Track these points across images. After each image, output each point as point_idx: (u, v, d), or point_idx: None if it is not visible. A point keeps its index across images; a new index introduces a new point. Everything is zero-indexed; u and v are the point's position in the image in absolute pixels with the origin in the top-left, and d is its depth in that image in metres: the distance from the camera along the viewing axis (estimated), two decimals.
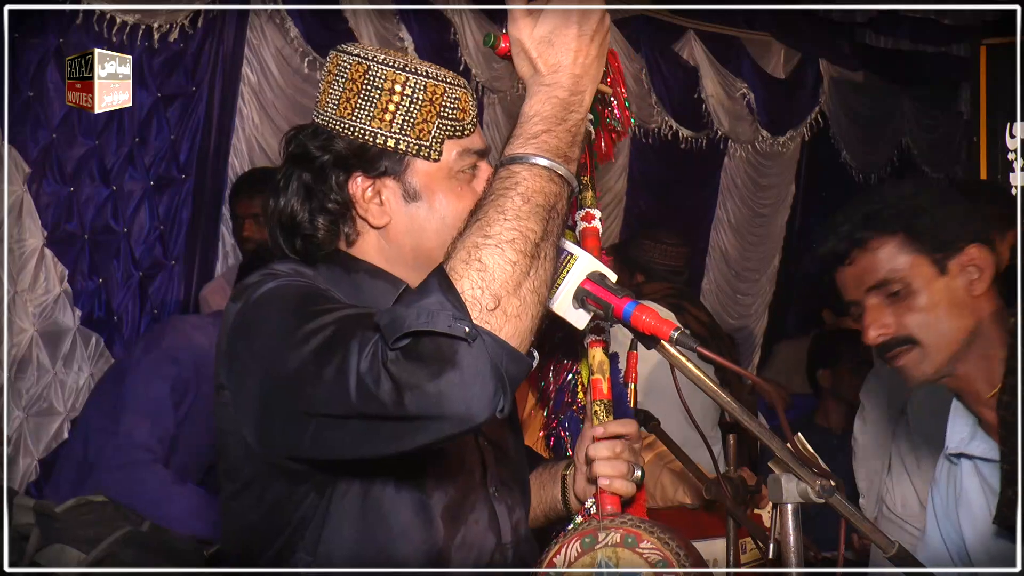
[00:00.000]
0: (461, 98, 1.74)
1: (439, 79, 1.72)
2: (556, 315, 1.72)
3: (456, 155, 1.74)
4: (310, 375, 1.48)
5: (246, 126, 4.78)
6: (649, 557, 1.56)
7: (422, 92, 1.71)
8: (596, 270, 1.71)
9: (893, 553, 1.68)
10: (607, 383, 1.86)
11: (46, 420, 4.31)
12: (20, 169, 4.14)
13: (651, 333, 1.64)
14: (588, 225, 1.97)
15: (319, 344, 1.49)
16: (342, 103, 1.74)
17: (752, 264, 7.01)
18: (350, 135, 1.73)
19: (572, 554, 1.60)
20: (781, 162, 6.99)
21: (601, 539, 1.59)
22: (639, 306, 1.66)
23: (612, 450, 1.80)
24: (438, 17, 5.18)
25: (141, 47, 4.30)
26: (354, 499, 1.66)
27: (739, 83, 6.58)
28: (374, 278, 1.75)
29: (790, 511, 1.63)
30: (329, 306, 1.57)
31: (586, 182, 2.01)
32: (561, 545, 1.61)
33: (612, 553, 1.57)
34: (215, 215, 4.76)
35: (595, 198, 1.99)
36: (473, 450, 1.79)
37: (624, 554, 1.57)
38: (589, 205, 1.99)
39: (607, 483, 1.77)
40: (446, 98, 1.72)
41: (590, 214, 1.99)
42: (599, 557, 1.58)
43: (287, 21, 4.70)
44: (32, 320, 4.23)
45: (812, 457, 1.63)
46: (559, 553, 1.61)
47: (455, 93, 1.73)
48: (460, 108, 1.74)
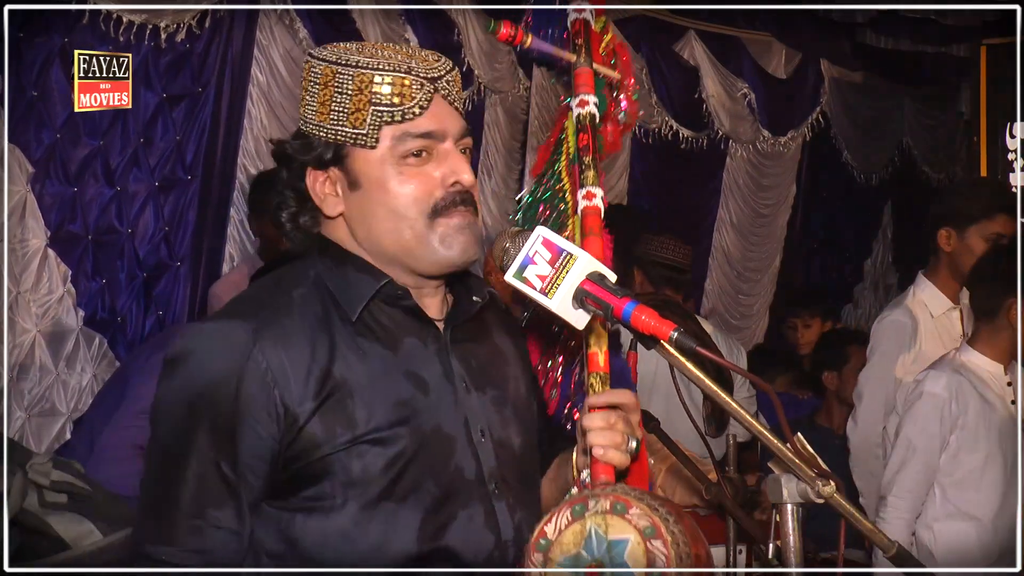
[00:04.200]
0: (396, 83, 1.73)
1: (372, 67, 1.74)
2: (556, 315, 1.73)
3: (394, 140, 1.76)
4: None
5: (255, 127, 4.78)
6: (637, 523, 1.54)
7: (350, 82, 1.74)
8: (595, 270, 1.72)
9: (893, 553, 1.68)
10: (604, 356, 1.86)
11: (48, 421, 4.31)
12: (23, 169, 4.14)
13: (651, 333, 1.65)
14: (589, 204, 1.97)
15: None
16: (303, 105, 1.81)
17: (754, 264, 7.01)
18: (304, 132, 1.81)
19: (563, 523, 1.58)
20: (782, 162, 6.99)
21: (591, 507, 1.57)
22: (638, 306, 1.66)
23: (606, 420, 1.78)
24: (443, 18, 5.19)
25: (147, 47, 4.31)
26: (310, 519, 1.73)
27: (740, 83, 6.58)
28: (359, 271, 1.79)
29: (790, 511, 1.64)
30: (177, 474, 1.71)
31: (588, 162, 2.01)
32: (552, 514, 1.59)
33: (601, 520, 1.55)
34: (222, 216, 4.76)
35: (597, 177, 1.99)
36: (463, 450, 1.79)
37: (613, 521, 1.55)
38: (591, 184, 1.99)
39: (600, 452, 1.76)
40: (376, 85, 1.73)
41: (591, 192, 1.99)
42: (589, 524, 1.56)
43: (296, 22, 4.71)
44: (35, 320, 4.24)
45: (812, 457, 1.64)
46: (549, 522, 1.59)
47: (388, 79, 1.73)
48: (397, 94, 1.73)
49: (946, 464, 3.44)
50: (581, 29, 2.12)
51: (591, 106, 2.05)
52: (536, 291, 1.71)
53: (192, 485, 1.69)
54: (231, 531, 1.70)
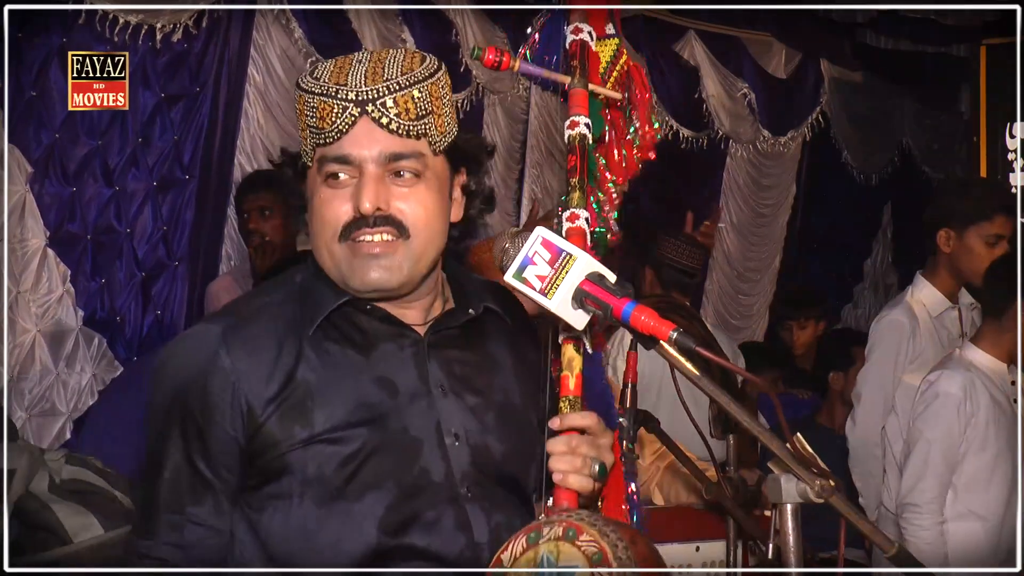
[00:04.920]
0: (319, 107, 1.75)
1: (307, 89, 1.77)
2: (555, 315, 1.73)
3: (318, 162, 1.79)
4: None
5: (251, 126, 4.80)
6: (586, 550, 1.54)
7: (297, 103, 1.80)
8: (595, 271, 1.72)
9: (893, 553, 1.68)
10: (575, 379, 1.83)
11: (48, 420, 4.32)
12: (22, 169, 4.15)
13: (650, 333, 1.65)
14: (572, 225, 1.97)
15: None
16: None
17: (754, 264, 7.01)
18: None
19: (518, 550, 1.59)
20: (782, 162, 6.99)
21: (545, 533, 1.58)
22: (638, 306, 1.66)
23: (567, 444, 1.76)
24: (440, 18, 5.19)
25: (144, 47, 4.31)
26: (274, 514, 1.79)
27: (740, 83, 6.58)
28: (326, 285, 1.85)
29: (789, 511, 1.64)
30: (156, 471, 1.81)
31: (575, 184, 2.01)
32: (509, 542, 1.61)
33: (554, 547, 1.56)
34: (220, 216, 4.77)
35: (582, 199, 1.99)
36: (431, 452, 1.81)
37: (564, 547, 1.55)
38: (575, 206, 1.99)
39: (559, 478, 1.74)
40: (307, 107, 1.77)
41: (575, 214, 1.98)
42: (542, 551, 1.57)
43: (292, 22, 4.71)
44: (35, 320, 4.24)
45: (811, 457, 1.64)
46: (506, 550, 1.60)
47: (313, 102, 1.76)
48: (319, 117, 1.76)
49: (958, 464, 3.44)
50: (578, 51, 2.13)
51: (581, 127, 2.05)
52: (536, 291, 1.71)
53: (169, 482, 1.79)
54: (209, 526, 1.78)
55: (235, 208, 4.65)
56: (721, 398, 1.65)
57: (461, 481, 1.82)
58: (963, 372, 3.44)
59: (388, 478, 1.78)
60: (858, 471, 4.01)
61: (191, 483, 1.78)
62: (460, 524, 1.81)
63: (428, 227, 1.81)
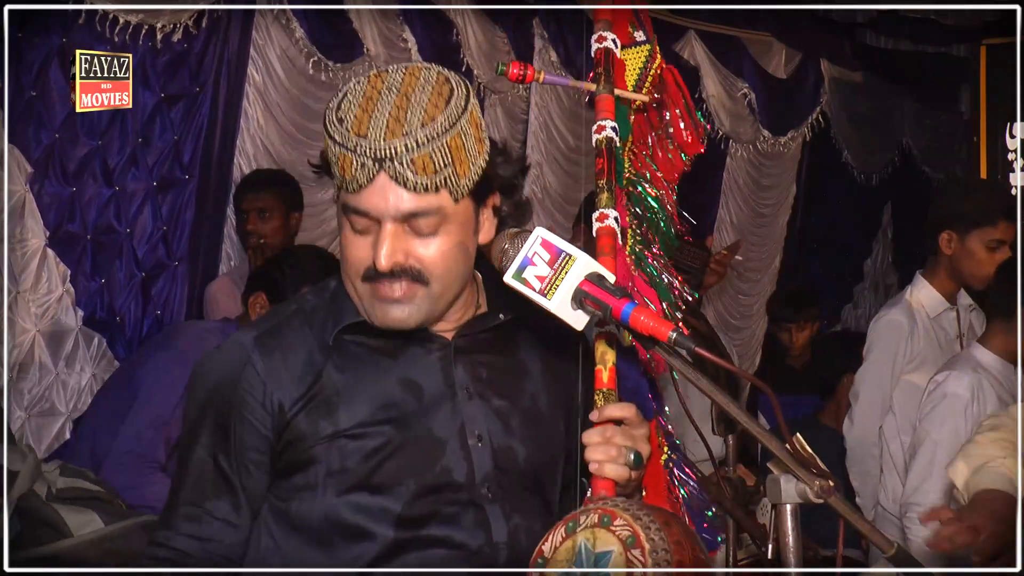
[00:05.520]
0: (340, 157, 1.76)
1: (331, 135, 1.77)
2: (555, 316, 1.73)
3: (341, 204, 1.82)
4: None
5: (251, 127, 4.80)
6: (620, 534, 1.57)
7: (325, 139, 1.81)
8: (594, 271, 1.72)
9: (892, 553, 1.68)
10: (608, 373, 1.87)
11: (48, 420, 4.32)
12: (22, 169, 4.15)
13: (649, 334, 1.65)
14: (601, 225, 2.03)
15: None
16: None
17: (754, 264, 7.01)
18: None
19: (557, 540, 1.62)
20: (782, 162, 6.99)
21: (582, 522, 1.61)
22: (637, 307, 1.67)
23: (603, 435, 1.80)
24: (441, 18, 5.19)
25: (144, 47, 4.31)
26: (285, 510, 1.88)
27: (740, 83, 6.58)
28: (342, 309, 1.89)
29: (789, 511, 1.64)
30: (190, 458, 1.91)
31: (603, 185, 2.06)
32: (549, 533, 1.64)
33: (591, 534, 1.59)
34: (219, 216, 4.77)
35: (611, 199, 2.05)
36: (454, 452, 1.86)
37: (600, 533, 1.58)
38: (604, 206, 2.04)
39: (595, 467, 1.78)
40: (331, 152, 1.78)
41: (604, 214, 2.04)
42: (579, 539, 1.60)
43: (292, 22, 4.72)
44: (34, 320, 4.24)
45: (811, 457, 1.64)
46: (547, 541, 1.63)
47: (336, 151, 1.76)
48: (341, 166, 1.77)
49: None
50: (602, 58, 2.18)
51: (608, 131, 2.10)
52: (535, 292, 1.72)
53: (193, 477, 1.88)
54: (227, 522, 1.86)
55: (233, 208, 4.66)
56: (720, 398, 1.66)
57: (482, 482, 1.86)
58: (971, 373, 3.43)
59: (409, 474, 1.83)
60: (855, 470, 4.01)
61: (214, 480, 1.87)
62: (479, 523, 1.85)
63: (448, 272, 1.83)
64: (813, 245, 7.56)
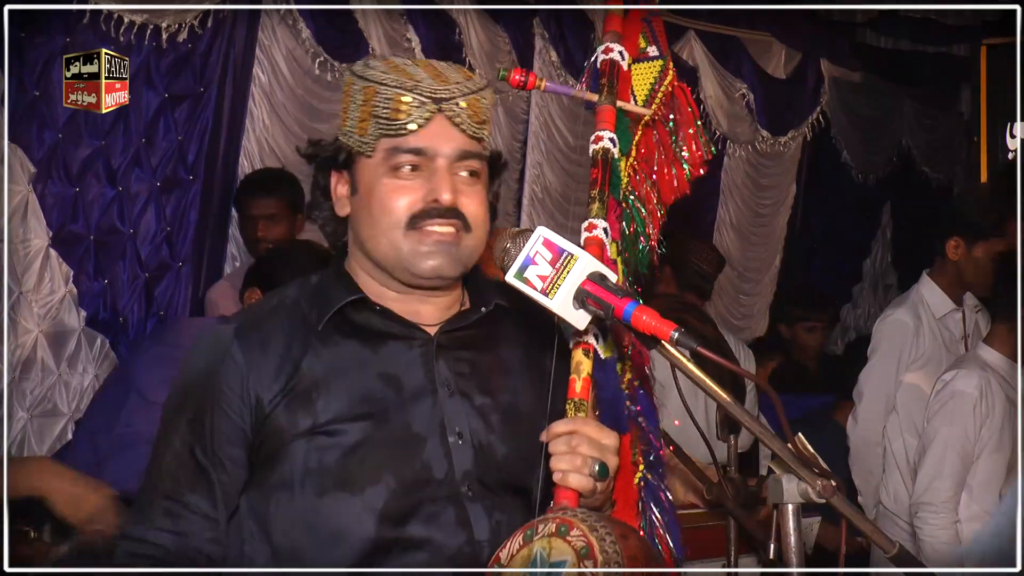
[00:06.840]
0: (395, 99, 1.83)
1: (379, 82, 1.85)
2: (557, 316, 1.74)
3: (386, 152, 1.86)
4: None
5: (256, 127, 4.79)
6: (575, 544, 1.59)
7: (361, 95, 1.87)
8: (596, 270, 1.73)
9: (894, 553, 1.68)
10: (582, 383, 1.87)
11: (50, 421, 4.32)
12: (25, 169, 4.15)
13: (651, 334, 1.66)
14: (590, 235, 2.02)
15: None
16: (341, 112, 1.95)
17: (754, 264, 7.01)
18: (336, 137, 1.95)
19: (515, 547, 1.64)
20: (782, 162, 6.99)
21: (540, 531, 1.63)
22: (639, 307, 1.67)
23: (568, 444, 1.80)
24: (444, 18, 5.20)
25: (149, 47, 4.31)
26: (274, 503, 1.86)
27: (739, 83, 6.57)
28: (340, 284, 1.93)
29: (790, 511, 1.65)
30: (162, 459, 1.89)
31: (595, 195, 2.06)
32: (507, 541, 1.66)
33: (547, 543, 1.61)
34: (224, 217, 4.76)
35: (602, 210, 2.04)
36: (434, 450, 1.86)
37: (556, 543, 1.60)
38: (594, 216, 2.04)
39: (559, 477, 1.78)
40: (379, 99, 1.84)
41: (593, 224, 2.03)
42: (535, 548, 1.61)
43: (299, 22, 4.72)
44: (37, 321, 4.24)
45: (812, 457, 1.65)
46: (504, 548, 1.65)
47: (388, 94, 1.83)
48: (395, 109, 1.83)
49: (973, 464, 3.44)
50: (608, 69, 2.19)
51: (605, 141, 2.11)
52: (537, 291, 1.73)
53: (169, 470, 1.87)
54: (204, 515, 1.84)
55: (236, 210, 4.65)
56: (722, 398, 1.66)
57: (463, 479, 1.85)
58: (979, 372, 3.44)
59: (388, 472, 1.82)
60: (858, 469, 4.02)
61: (190, 473, 1.85)
62: (460, 521, 1.84)
63: (484, 224, 1.90)
64: (813, 245, 7.56)
